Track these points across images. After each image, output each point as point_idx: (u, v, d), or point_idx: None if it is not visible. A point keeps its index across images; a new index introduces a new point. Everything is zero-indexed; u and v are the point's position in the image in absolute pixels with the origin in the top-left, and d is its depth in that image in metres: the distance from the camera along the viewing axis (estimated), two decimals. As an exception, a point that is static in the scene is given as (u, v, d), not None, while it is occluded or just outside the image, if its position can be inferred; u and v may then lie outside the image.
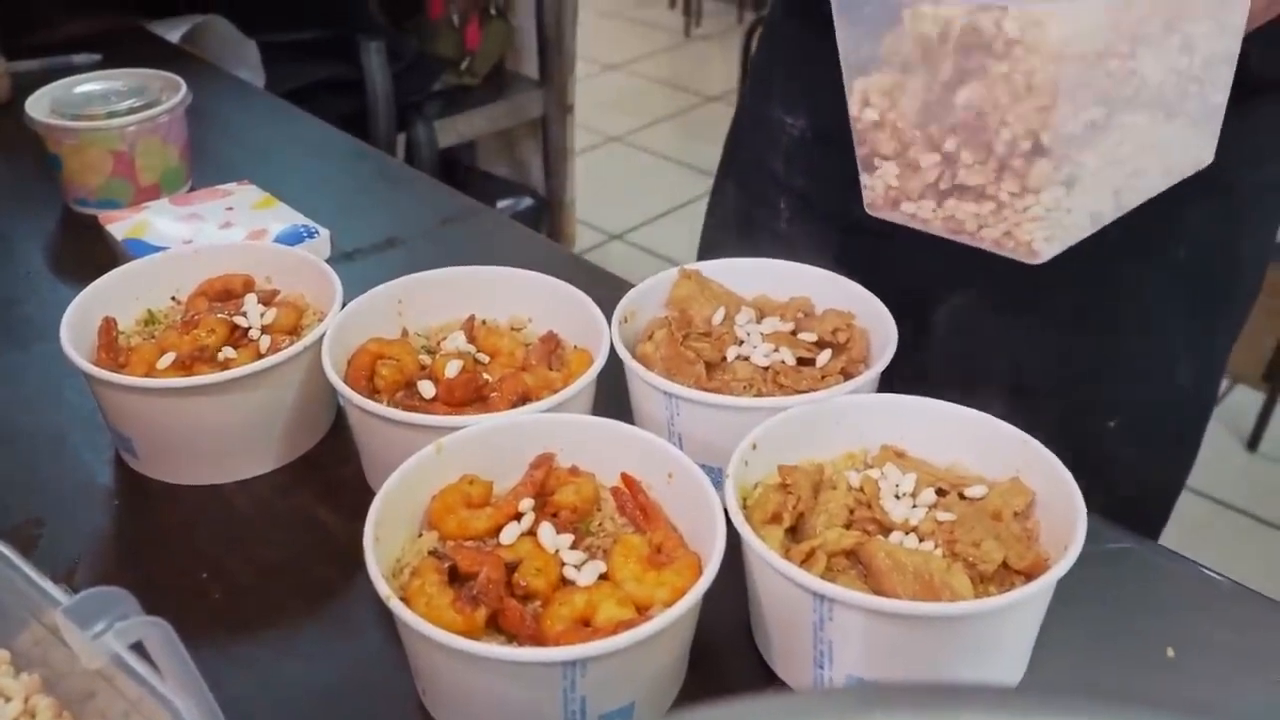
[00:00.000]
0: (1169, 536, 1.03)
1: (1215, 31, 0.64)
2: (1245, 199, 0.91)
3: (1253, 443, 2.34)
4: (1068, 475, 0.60)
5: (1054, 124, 0.56)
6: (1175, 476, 1.03)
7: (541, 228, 2.37)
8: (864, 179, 0.66)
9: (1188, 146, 0.68)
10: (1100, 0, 0.56)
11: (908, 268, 0.85)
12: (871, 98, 0.64)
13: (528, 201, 2.35)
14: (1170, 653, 0.63)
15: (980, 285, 0.89)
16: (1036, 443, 0.63)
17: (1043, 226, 0.60)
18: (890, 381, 0.71)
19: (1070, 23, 0.55)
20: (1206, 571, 0.69)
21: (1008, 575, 0.58)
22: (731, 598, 0.61)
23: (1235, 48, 0.66)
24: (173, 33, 1.62)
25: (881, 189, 0.66)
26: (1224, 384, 2.45)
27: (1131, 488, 0.66)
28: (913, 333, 0.78)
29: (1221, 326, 0.97)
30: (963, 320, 0.91)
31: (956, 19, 0.58)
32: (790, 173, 0.98)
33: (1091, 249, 0.92)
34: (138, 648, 0.47)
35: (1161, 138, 0.65)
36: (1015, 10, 0.55)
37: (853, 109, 0.65)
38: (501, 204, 2.30)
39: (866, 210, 0.67)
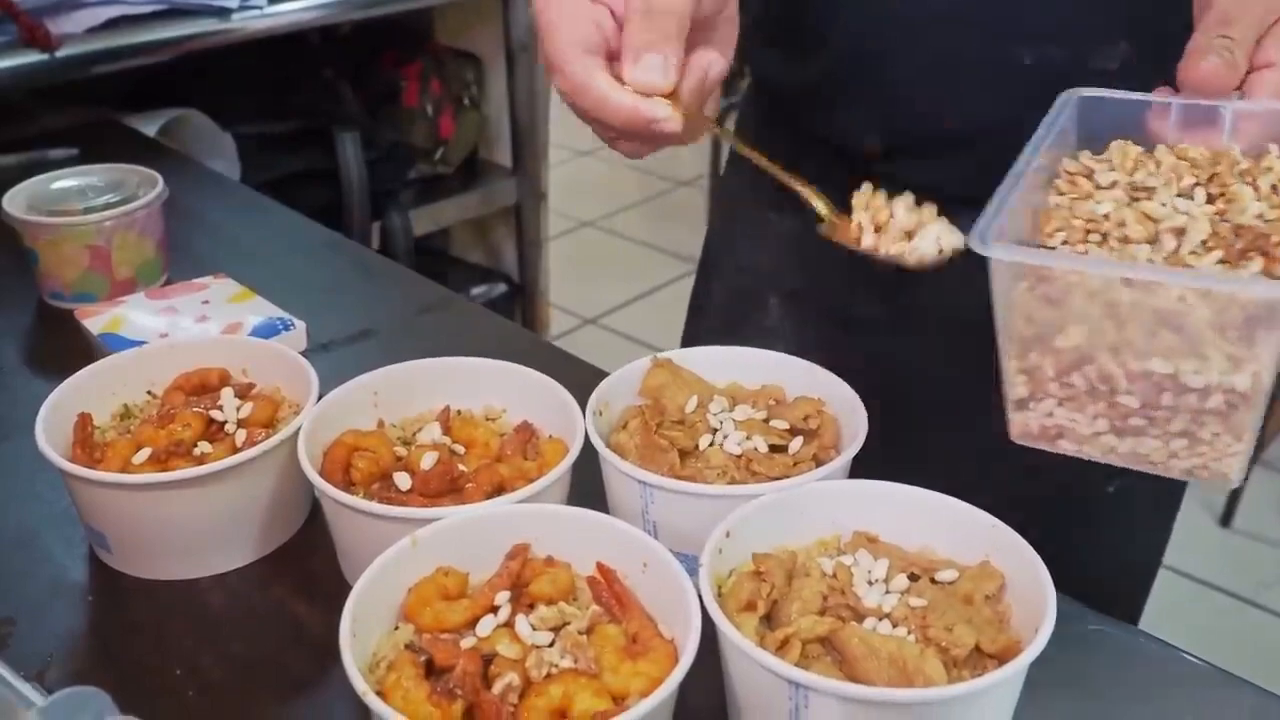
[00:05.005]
0: (1144, 614, 1.03)
1: None
2: None
3: (1225, 519, 2.35)
4: (1036, 558, 0.61)
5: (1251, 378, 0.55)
6: (1151, 554, 1.03)
7: (515, 313, 2.39)
8: (1013, 413, 0.62)
9: None
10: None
11: (895, 359, 0.86)
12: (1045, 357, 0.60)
13: (502, 287, 2.36)
14: (1144, 735, 0.63)
15: (959, 381, 0.89)
16: (1005, 526, 0.63)
17: (1240, 459, 0.59)
18: (867, 466, 0.71)
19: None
20: (1181, 653, 0.69)
21: (980, 659, 0.59)
22: (707, 686, 0.61)
23: None
24: (149, 126, 1.65)
25: (1037, 426, 0.62)
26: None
27: (1113, 567, 0.66)
28: (897, 423, 0.78)
29: None
30: (945, 416, 0.91)
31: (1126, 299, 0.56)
32: (781, 270, 0.96)
33: None
34: (112, 749, 0.46)
35: None
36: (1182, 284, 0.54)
37: (1008, 360, 0.60)
38: (475, 290, 2.31)
39: (1013, 440, 0.63)
